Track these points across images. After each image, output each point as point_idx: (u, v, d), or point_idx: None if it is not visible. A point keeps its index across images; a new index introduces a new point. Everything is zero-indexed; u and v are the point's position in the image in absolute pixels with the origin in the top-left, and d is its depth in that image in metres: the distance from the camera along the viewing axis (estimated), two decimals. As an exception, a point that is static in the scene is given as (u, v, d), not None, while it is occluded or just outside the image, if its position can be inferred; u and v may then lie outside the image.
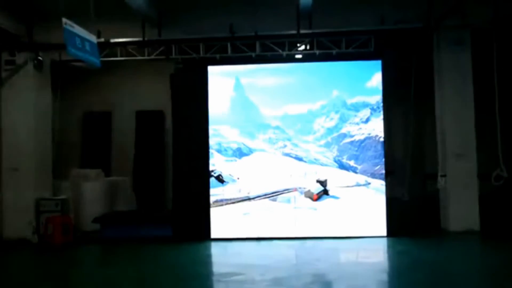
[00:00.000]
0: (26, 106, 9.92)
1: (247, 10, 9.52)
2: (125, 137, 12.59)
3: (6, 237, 9.68)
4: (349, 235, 8.99)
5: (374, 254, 8.28)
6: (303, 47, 9.88)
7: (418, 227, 9.61)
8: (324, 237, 9.00)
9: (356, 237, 8.96)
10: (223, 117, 9.57)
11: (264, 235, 9.19)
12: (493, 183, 8.25)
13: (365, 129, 9.47)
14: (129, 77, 12.34)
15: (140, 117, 12.71)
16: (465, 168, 9.35)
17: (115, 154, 12.79)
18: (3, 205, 9.81)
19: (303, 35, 9.49)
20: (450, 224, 9.29)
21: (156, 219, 9.93)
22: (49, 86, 10.51)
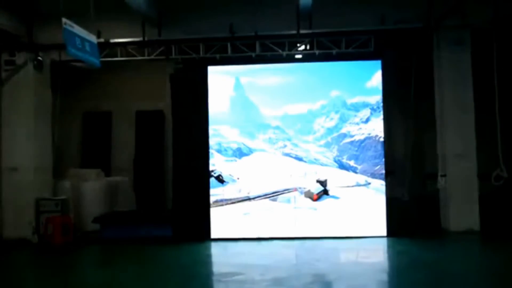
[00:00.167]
0: (26, 106, 9.93)
1: (247, 10, 9.51)
2: (125, 137, 12.60)
3: (6, 237, 9.68)
4: (349, 235, 8.99)
5: (374, 254, 8.29)
6: (303, 47, 9.87)
7: (418, 227, 9.61)
8: (324, 237, 9.00)
9: (356, 237, 8.96)
10: (223, 117, 9.57)
11: (264, 235, 9.19)
12: (493, 183, 8.24)
13: (365, 129, 9.47)
14: (129, 77, 12.33)
15: (140, 117, 12.72)
16: (465, 168, 9.35)
17: (115, 154, 12.79)
18: (3, 205, 9.82)
19: (303, 35, 9.49)
20: (450, 224, 9.29)
21: (156, 219, 9.94)
22: (49, 86, 10.51)
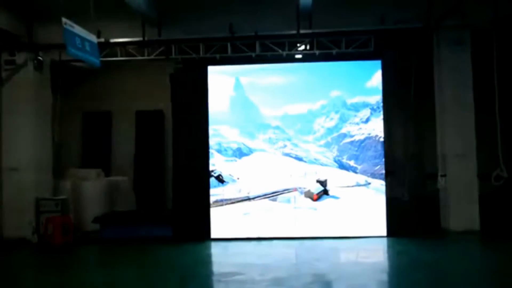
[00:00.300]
0: (26, 106, 9.93)
1: (247, 10, 9.52)
2: (125, 137, 12.60)
3: (6, 237, 9.68)
4: (349, 235, 8.99)
5: (374, 254, 8.29)
6: (303, 47, 9.87)
7: (418, 227, 9.61)
8: (324, 237, 9.00)
9: (356, 237, 8.96)
10: (223, 117, 9.57)
11: (264, 235, 9.19)
12: (493, 183, 8.24)
13: (365, 129, 9.47)
14: (129, 77, 12.34)
15: (140, 117, 12.72)
16: (465, 168, 9.35)
17: (115, 154, 12.79)
18: (3, 205, 9.82)
19: (303, 35, 9.49)
20: (450, 224, 9.29)
21: (156, 219, 9.94)
22: (49, 86, 10.50)
